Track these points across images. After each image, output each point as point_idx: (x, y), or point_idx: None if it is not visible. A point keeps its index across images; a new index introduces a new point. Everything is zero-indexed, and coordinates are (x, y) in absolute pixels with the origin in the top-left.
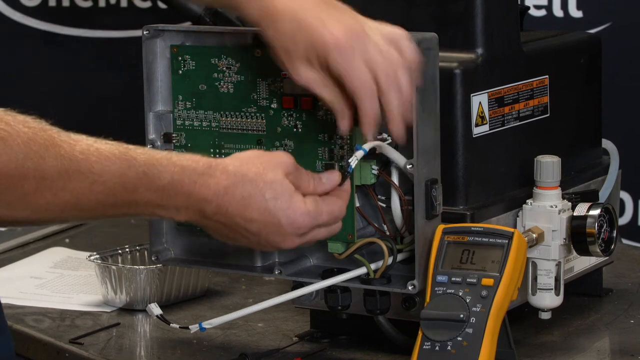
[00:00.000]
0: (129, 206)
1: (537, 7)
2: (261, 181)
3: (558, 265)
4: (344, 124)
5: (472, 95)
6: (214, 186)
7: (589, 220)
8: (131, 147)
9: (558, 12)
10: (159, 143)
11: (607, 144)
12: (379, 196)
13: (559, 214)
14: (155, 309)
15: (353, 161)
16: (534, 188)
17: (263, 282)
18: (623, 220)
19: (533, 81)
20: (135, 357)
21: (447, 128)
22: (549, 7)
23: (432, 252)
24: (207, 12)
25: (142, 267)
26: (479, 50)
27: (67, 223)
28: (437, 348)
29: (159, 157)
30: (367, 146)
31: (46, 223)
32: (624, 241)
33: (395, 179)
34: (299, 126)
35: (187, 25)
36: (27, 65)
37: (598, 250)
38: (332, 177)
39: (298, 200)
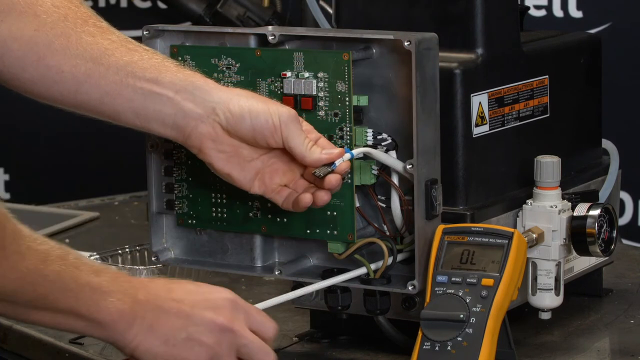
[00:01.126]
0: (75, 294)
1: (537, 7)
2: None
3: (558, 265)
4: None
5: (472, 95)
6: (141, 281)
7: (589, 220)
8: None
9: (558, 12)
10: (159, 144)
11: (607, 144)
12: (379, 196)
13: (559, 214)
14: None
15: (338, 162)
16: (534, 188)
17: (263, 282)
18: (623, 221)
19: (533, 81)
20: None
21: (447, 128)
22: (549, 7)
23: (432, 252)
24: (207, 12)
25: (142, 267)
26: (479, 50)
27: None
28: (437, 348)
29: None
30: (355, 152)
31: None
32: (624, 241)
33: (395, 179)
34: None
35: (187, 25)
36: None
37: (598, 251)
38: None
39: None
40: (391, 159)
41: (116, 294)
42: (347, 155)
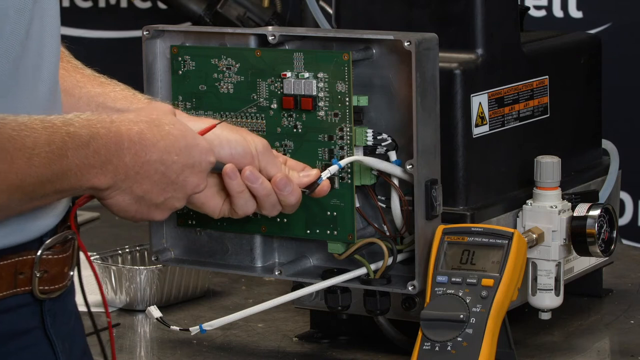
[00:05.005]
0: (63, 177)
1: (537, 7)
2: (169, 126)
3: (558, 265)
4: None
5: (472, 95)
6: (131, 129)
7: (589, 220)
8: (44, 116)
9: (558, 12)
10: None
11: (607, 144)
12: (379, 196)
13: (559, 214)
14: (154, 312)
15: (325, 174)
16: (534, 188)
17: (263, 283)
18: (623, 221)
19: (533, 81)
20: (135, 358)
21: (447, 128)
22: (549, 8)
23: (432, 253)
24: (207, 13)
25: (142, 267)
26: (479, 51)
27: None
28: (437, 348)
29: (70, 117)
30: (343, 162)
31: None
32: (624, 241)
33: (395, 179)
34: (299, 126)
35: (187, 25)
36: None
37: (598, 251)
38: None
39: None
40: (383, 163)
41: (102, 164)
42: (335, 167)
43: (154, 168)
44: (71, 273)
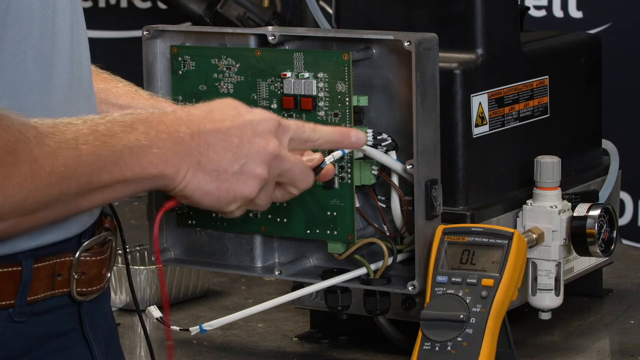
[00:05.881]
0: (118, 162)
1: (537, 8)
2: (218, 101)
3: (558, 265)
4: None
5: (472, 95)
6: (175, 111)
7: (589, 220)
8: (83, 116)
9: (558, 12)
10: None
11: (607, 144)
12: (379, 196)
13: (559, 214)
14: (154, 312)
15: (329, 159)
16: (534, 188)
17: (263, 283)
18: (623, 221)
19: (533, 81)
20: (135, 357)
21: (447, 128)
22: (549, 8)
23: (432, 253)
24: (207, 13)
25: (142, 267)
26: (479, 51)
27: (64, 209)
28: (437, 348)
29: (108, 113)
30: (347, 149)
31: (50, 208)
32: (624, 241)
33: (395, 179)
34: None
35: (187, 25)
36: None
37: (598, 251)
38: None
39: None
40: (386, 156)
41: (156, 143)
42: (338, 153)
43: (212, 136)
44: (109, 275)
